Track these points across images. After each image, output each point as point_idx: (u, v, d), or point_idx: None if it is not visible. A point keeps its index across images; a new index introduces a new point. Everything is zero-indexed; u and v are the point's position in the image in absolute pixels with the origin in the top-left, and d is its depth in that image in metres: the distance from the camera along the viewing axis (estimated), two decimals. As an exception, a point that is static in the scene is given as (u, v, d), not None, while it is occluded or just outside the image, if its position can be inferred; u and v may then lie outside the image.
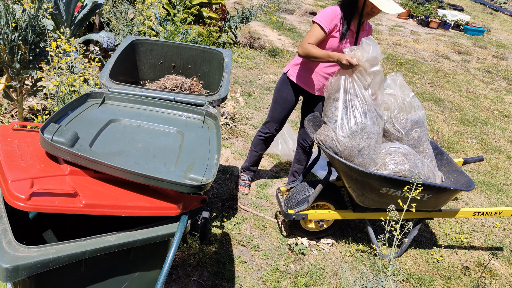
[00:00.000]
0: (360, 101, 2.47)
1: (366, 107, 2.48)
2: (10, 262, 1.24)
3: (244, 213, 3.15)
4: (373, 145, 2.54)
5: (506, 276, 3.03)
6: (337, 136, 2.47)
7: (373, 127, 2.52)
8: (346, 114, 2.48)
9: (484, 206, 3.84)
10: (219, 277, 2.55)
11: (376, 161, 2.57)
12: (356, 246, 3.00)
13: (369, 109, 2.50)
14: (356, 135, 2.47)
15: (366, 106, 2.48)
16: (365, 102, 2.48)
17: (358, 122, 2.47)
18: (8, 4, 2.87)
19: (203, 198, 1.70)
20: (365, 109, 2.48)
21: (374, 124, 2.52)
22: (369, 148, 2.52)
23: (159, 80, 2.77)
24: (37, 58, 3.20)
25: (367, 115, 2.49)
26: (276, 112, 3.11)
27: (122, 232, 1.49)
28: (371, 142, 2.52)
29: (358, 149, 2.49)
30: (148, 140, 1.82)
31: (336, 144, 2.48)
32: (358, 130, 2.47)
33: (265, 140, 3.27)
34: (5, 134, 1.70)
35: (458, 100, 6.26)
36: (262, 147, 3.31)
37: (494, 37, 10.89)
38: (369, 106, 2.50)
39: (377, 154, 2.59)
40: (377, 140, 2.58)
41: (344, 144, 2.47)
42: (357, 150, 2.49)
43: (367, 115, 2.49)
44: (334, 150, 2.51)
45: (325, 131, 2.54)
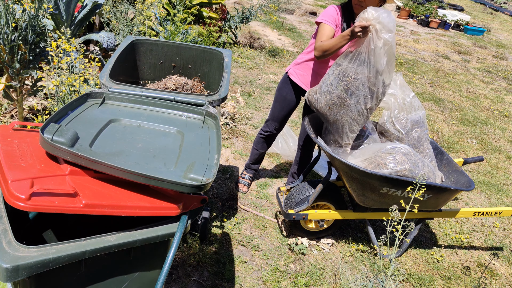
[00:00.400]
0: (353, 76, 2.43)
1: (355, 85, 2.44)
2: (10, 262, 1.24)
3: (244, 213, 3.15)
4: (348, 121, 2.54)
5: (506, 276, 3.03)
6: (320, 96, 2.54)
7: (356, 105, 2.48)
8: (337, 83, 2.48)
9: (484, 206, 3.84)
10: (219, 277, 2.55)
11: (345, 139, 2.59)
12: (356, 246, 3.00)
13: (358, 88, 2.44)
14: (335, 107, 2.51)
15: (356, 84, 2.44)
16: (358, 79, 2.42)
17: (342, 96, 2.47)
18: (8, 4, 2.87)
19: (203, 198, 1.70)
20: (353, 87, 2.44)
21: (358, 103, 2.48)
22: (343, 124, 2.55)
23: (161, 81, 2.77)
24: (37, 58, 3.20)
25: (354, 93, 2.45)
26: (276, 111, 3.11)
27: (122, 232, 1.49)
28: (347, 119, 2.53)
29: (333, 119, 2.55)
30: (148, 140, 1.82)
31: (318, 99, 2.55)
32: (338, 103, 2.49)
33: (265, 139, 3.28)
34: (5, 134, 1.70)
35: (458, 100, 6.26)
36: (263, 146, 3.32)
37: (494, 37, 10.89)
38: (359, 85, 2.43)
39: (349, 133, 2.59)
40: (355, 118, 2.55)
41: (323, 109, 2.54)
42: (332, 120, 2.56)
43: (354, 93, 2.45)
44: (315, 106, 2.58)
45: (315, 88, 2.61)
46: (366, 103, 2.51)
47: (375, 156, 2.57)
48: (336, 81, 2.47)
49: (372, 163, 2.57)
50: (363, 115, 2.57)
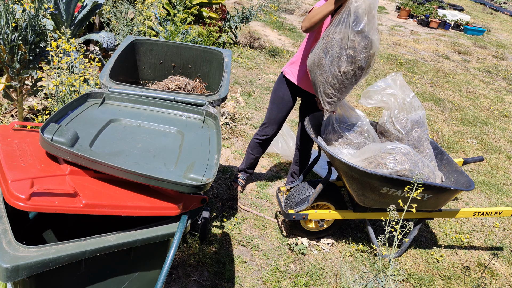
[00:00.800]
0: (331, 36, 2.40)
1: (331, 44, 2.41)
2: (10, 262, 1.24)
3: (244, 213, 3.15)
4: (322, 83, 2.51)
5: (506, 276, 3.03)
6: (309, 56, 2.58)
7: (330, 66, 2.44)
8: (319, 42, 2.49)
9: (484, 206, 3.84)
10: (219, 277, 2.55)
11: (322, 103, 2.58)
12: (356, 246, 3.00)
13: (333, 48, 2.40)
14: (314, 66, 2.51)
15: (331, 44, 2.41)
16: (334, 38, 2.40)
17: (320, 55, 2.46)
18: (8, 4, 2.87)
19: (203, 198, 1.70)
20: (329, 47, 2.42)
21: (332, 64, 2.44)
22: (318, 85, 2.53)
23: (163, 81, 2.77)
24: (37, 58, 3.20)
25: (329, 53, 2.42)
26: (273, 113, 3.05)
27: (122, 232, 1.49)
28: (321, 80, 2.51)
29: (312, 79, 2.56)
30: (148, 140, 1.82)
31: (308, 59, 2.59)
32: (316, 62, 2.49)
33: (261, 143, 3.20)
34: (5, 134, 1.70)
35: (458, 100, 6.26)
36: (259, 150, 3.25)
37: (494, 37, 10.89)
38: (335, 45, 2.40)
39: (324, 97, 2.57)
40: (329, 80, 2.50)
41: (308, 69, 2.59)
42: (312, 80, 2.57)
43: (329, 53, 2.42)
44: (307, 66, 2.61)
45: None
46: (340, 65, 2.43)
47: (375, 156, 2.57)
48: (319, 42, 2.49)
49: (372, 163, 2.57)
50: (337, 79, 2.48)
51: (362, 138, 2.79)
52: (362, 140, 2.79)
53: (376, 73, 6.63)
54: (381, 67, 6.97)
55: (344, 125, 2.77)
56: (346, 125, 2.77)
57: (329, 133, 2.80)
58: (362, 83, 6.11)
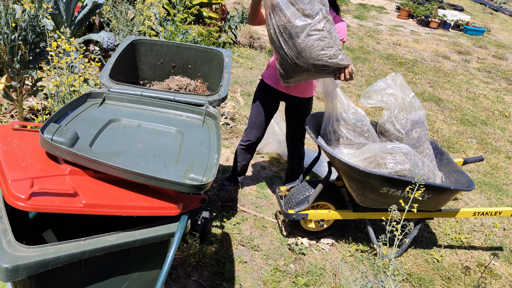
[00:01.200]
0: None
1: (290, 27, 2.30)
2: (10, 262, 1.24)
3: (244, 213, 3.15)
4: (283, 57, 2.38)
5: (506, 276, 3.03)
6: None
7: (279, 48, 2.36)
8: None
9: (484, 206, 3.84)
10: (219, 277, 2.55)
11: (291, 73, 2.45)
12: (356, 246, 3.00)
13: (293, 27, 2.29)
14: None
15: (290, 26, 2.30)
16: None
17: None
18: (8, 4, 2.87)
19: (203, 198, 1.70)
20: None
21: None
22: (286, 61, 2.40)
23: (164, 81, 2.77)
24: (37, 58, 3.20)
25: (293, 35, 2.31)
26: (253, 117, 3.01)
27: (122, 232, 1.49)
28: (282, 54, 2.39)
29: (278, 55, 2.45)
30: (148, 140, 1.82)
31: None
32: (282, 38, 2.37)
33: (246, 149, 3.14)
34: (5, 134, 1.70)
35: (458, 100, 6.26)
36: (245, 157, 3.18)
37: (494, 37, 10.89)
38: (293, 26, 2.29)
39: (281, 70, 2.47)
40: (287, 54, 2.36)
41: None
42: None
43: (293, 35, 2.31)
44: None
45: None
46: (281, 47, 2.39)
47: (375, 156, 2.57)
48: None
49: (372, 163, 2.57)
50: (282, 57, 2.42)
51: (362, 138, 2.79)
52: (362, 140, 2.79)
53: (376, 73, 6.63)
54: (381, 67, 6.97)
55: (344, 125, 2.77)
56: (346, 125, 2.77)
57: (329, 133, 2.80)
58: (362, 83, 6.12)
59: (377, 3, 12.47)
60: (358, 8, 11.25)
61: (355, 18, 10.08)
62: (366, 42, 8.29)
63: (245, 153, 3.17)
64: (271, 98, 2.95)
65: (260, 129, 3.04)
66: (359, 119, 2.79)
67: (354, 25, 9.47)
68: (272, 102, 2.97)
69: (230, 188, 3.26)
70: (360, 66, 6.81)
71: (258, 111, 2.98)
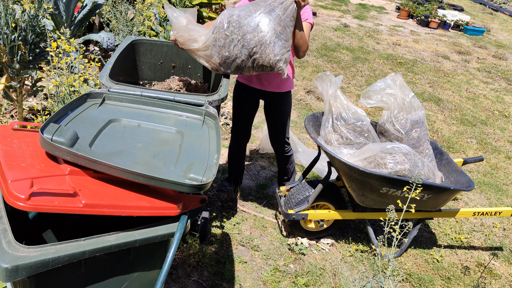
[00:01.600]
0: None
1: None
2: (10, 262, 1.24)
3: (244, 213, 3.15)
4: (234, 56, 2.28)
5: (506, 276, 3.03)
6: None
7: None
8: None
9: (484, 206, 3.84)
10: (219, 277, 2.55)
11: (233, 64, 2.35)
12: (356, 246, 3.00)
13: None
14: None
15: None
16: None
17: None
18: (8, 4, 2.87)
19: (203, 198, 1.70)
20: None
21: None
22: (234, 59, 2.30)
23: (165, 81, 2.77)
24: (37, 58, 3.20)
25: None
26: (234, 117, 3.00)
27: (121, 232, 1.49)
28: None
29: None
30: (148, 140, 1.82)
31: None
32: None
33: (236, 151, 3.14)
34: (5, 134, 1.70)
35: (458, 100, 6.26)
36: (237, 159, 3.19)
37: (494, 37, 10.89)
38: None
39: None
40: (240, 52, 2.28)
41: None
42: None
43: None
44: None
45: None
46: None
47: (375, 156, 2.57)
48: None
49: (371, 163, 2.57)
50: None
51: (362, 138, 2.79)
52: (362, 140, 2.79)
53: (376, 73, 6.63)
54: (381, 67, 6.98)
55: (344, 125, 2.77)
56: (346, 124, 2.77)
57: (329, 133, 2.80)
58: (362, 83, 6.12)
59: (377, 3, 12.47)
60: (358, 8, 11.26)
61: (355, 18, 10.08)
62: (366, 42, 8.29)
63: (236, 154, 3.18)
64: (248, 97, 2.90)
65: (243, 129, 3.04)
66: (359, 119, 2.79)
67: (354, 25, 9.47)
68: (250, 100, 2.93)
69: (230, 188, 3.26)
70: (360, 66, 6.81)
71: (239, 112, 2.97)
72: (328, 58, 6.89)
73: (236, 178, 3.30)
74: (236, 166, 3.24)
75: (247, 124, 3.03)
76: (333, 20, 9.50)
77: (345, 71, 6.51)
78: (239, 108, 2.96)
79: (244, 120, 3.01)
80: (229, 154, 3.21)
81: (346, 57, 7.14)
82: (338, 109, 2.77)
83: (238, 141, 3.10)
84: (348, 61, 6.94)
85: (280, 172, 3.26)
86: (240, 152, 3.17)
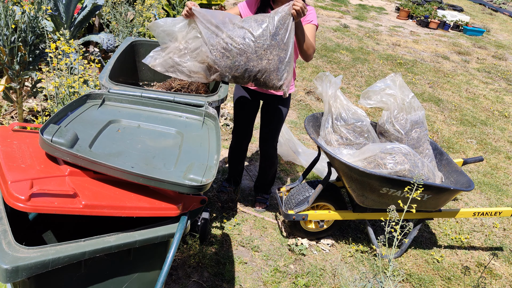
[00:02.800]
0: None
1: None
2: (10, 263, 1.24)
3: (244, 214, 3.15)
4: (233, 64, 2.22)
5: (506, 276, 3.03)
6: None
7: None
8: None
9: (484, 206, 3.84)
10: (219, 278, 2.55)
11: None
12: (356, 246, 3.00)
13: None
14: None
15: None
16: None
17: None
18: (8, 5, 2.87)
19: (202, 198, 1.70)
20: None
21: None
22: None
23: (166, 81, 2.77)
24: (36, 60, 3.20)
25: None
26: (235, 118, 3.00)
27: (121, 233, 1.49)
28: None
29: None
30: (148, 141, 1.83)
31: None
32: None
33: (235, 152, 3.13)
34: (5, 135, 1.70)
35: (457, 100, 6.26)
36: (235, 160, 3.18)
37: (494, 38, 10.90)
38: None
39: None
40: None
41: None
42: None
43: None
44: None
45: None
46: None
47: (374, 156, 2.57)
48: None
49: (371, 163, 2.57)
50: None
51: (362, 138, 2.79)
52: (362, 140, 2.79)
53: (376, 74, 6.63)
54: (381, 68, 6.98)
55: (344, 125, 2.77)
56: (346, 125, 2.77)
57: (329, 133, 2.80)
58: (362, 84, 6.12)
59: (376, 3, 12.48)
60: (357, 9, 11.26)
61: (354, 19, 10.09)
62: (365, 42, 8.30)
63: (237, 155, 3.17)
64: (248, 98, 2.90)
65: (244, 130, 3.04)
66: (359, 119, 2.79)
67: (354, 25, 9.48)
68: (251, 101, 2.92)
69: (230, 189, 3.26)
70: (360, 67, 6.82)
71: (240, 112, 2.97)
72: (328, 59, 6.90)
73: (236, 178, 3.30)
74: (236, 166, 3.24)
75: (248, 125, 3.03)
76: (333, 21, 9.50)
77: (345, 71, 6.51)
78: (240, 109, 2.96)
79: (245, 121, 3.01)
80: (230, 154, 3.21)
81: (346, 57, 7.15)
82: (338, 110, 2.77)
83: (240, 141, 3.09)
84: (348, 62, 6.94)
85: (260, 174, 3.22)
86: (241, 152, 3.17)
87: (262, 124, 2.99)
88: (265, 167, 3.15)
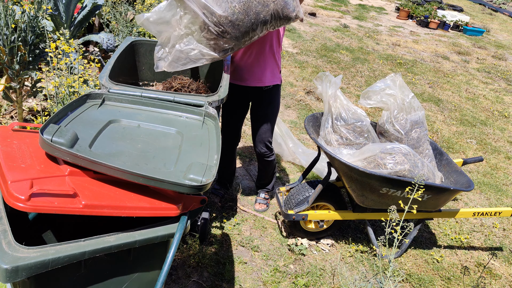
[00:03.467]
0: None
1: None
2: (10, 263, 1.24)
3: (244, 214, 3.15)
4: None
5: (506, 276, 3.03)
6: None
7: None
8: None
9: (484, 206, 3.84)
10: (219, 278, 2.55)
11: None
12: (356, 246, 3.00)
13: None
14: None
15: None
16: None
17: None
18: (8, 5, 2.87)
19: (202, 198, 1.70)
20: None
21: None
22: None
23: (166, 80, 2.77)
24: (36, 59, 3.20)
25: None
26: (223, 119, 2.97)
27: (121, 233, 1.49)
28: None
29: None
30: (148, 141, 1.82)
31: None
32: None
33: (225, 154, 3.08)
34: (4, 135, 1.70)
35: (457, 100, 6.27)
36: (226, 162, 3.14)
37: (494, 38, 10.90)
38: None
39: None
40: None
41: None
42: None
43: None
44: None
45: None
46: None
47: (374, 156, 2.57)
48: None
49: (371, 163, 2.57)
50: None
51: (362, 138, 2.79)
52: (362, 140, 2.79)
53: (376, 74, 6.64)
54: (381, 68, 6.98)
55: (344, 125, 2.77)
56: (346, 125, 2.77)
57: (329, 133, 2.80)
58: (362, 84, 6.12)
59: (376, 3, 12.48)
60: (357, 8, 11.26)
61: (354, 19, 10.09)
62: (365, 42, 8.30)
63: (227, 157, 3.13)
64: (235, 96, 2.84)
65: (234, 131, 3.01)
66: (358, 119, 2.79)
67: (354, 25, 9.48)
68: (239, 101, 2.90)
69: (221, 192, 3.25)
70: (360, 67, 6.82)
71: (228, 113, 2.95)
72: (328, 59, 6.90)
73: (228, 180, 3.28)
74: (227, 168, 3.21)
75: (238, 130, 3.01)
76: (333, 21, 9.50)
77: (344, 71, 6.51)
78: (230, 116, 2.95)
79: (234, 126, 2.99)
80: (220, 157, 3.15)
81: (345, 57, 7.15)
82: (337, 110, 2.77)
83: (229, 143, 3.06)
84: (347, 62, 6.94)
85: (259, 174, 3.22)
86: (231, 154, 3.15)
87: (253, 126, 2.97)
88: (263, 166, 3.15)
